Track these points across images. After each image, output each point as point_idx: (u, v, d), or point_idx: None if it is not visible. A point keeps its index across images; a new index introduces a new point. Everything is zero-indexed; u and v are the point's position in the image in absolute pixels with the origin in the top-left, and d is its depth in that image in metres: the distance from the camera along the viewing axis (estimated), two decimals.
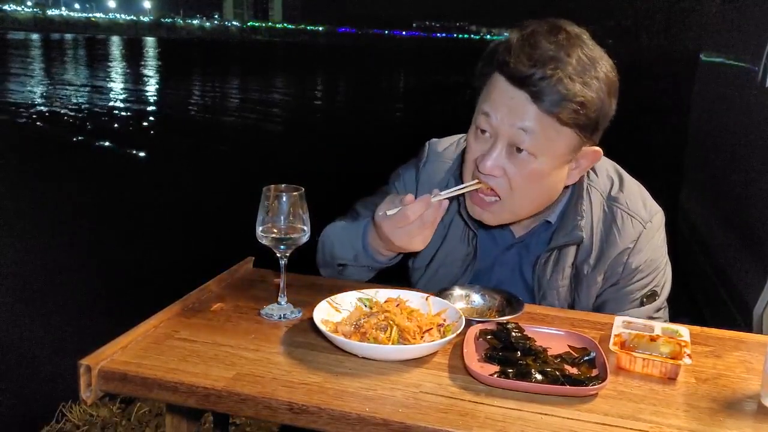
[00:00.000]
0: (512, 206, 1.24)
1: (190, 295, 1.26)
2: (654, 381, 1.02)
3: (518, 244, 1.38)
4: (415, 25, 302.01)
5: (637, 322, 1.16)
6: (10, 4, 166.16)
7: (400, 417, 0.89)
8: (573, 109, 1.13)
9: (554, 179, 1.22)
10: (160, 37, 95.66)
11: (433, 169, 1.44)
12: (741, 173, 2.74)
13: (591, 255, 1.30)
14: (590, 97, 1.13)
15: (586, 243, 1.30)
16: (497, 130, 1.18)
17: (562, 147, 1.18)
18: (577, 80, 1.12)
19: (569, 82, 1.11)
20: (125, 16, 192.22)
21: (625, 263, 1.29)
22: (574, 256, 1.32)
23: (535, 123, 1.14)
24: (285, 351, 1.07)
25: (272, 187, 1.18)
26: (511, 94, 1.15)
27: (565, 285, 1.33)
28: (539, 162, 1.17)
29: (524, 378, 0.98)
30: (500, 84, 1.17)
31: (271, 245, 1.19)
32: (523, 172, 1.18)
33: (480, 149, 1.22)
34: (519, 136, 1.16)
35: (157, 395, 0.98)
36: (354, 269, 1.38)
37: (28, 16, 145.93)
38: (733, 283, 2.59)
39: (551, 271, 1.33)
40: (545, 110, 1.13)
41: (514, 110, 1.15)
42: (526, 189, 1.21)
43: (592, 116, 1.15)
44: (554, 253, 1.32)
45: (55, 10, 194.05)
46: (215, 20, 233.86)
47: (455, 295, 1.31)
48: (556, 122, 1.14)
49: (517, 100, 1.15)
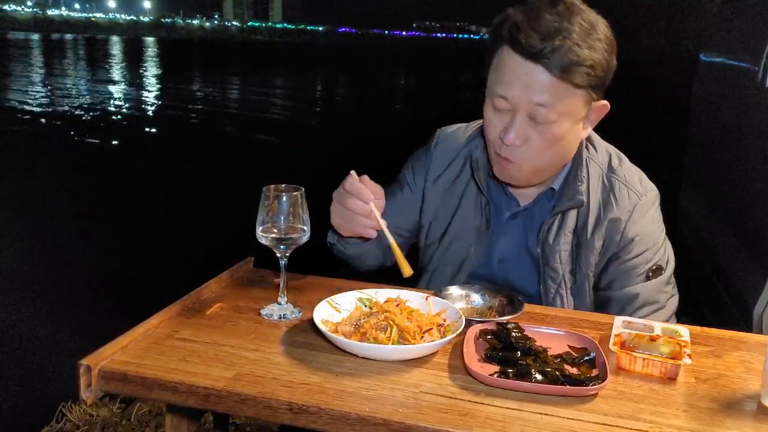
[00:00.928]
0: (535, 166, 1.31)
1: (190, 295, 1.26)
2: (654, 381, 1.02)
3: (523, 213, 1.44)
4: (415, 25, 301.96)
5: (637, 322, 1.16)
6: (10, 4, 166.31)
7: (400, 417, 0.89)
8: (585, 73, 1.21)
9: (572, 137, 1.31)
10: (160, 37, 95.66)
11: (444, 150, 1.52)
12: (741, 173, 2.74)
13: (589, 220, 1.37)
14: (597, 59, 1.22)
15: (585, 209, 1.37)
16: (516, 105, 1.25)
17: (577, 107, 1.27)
18: (584, 45, 1.20)
19: (577, 48, 1.20)
20: (125, 16, 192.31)
21: (622, 232, 1.35)
22: (575, 222, 1.38)
23: (550, 94, 1.22)
24: (285, 351, 1.07)
25: (272, 187, 1.18)
26: (525, 70, 1.22)
27: (566, 250, 1.39)
28: (558, 124, 1.26)
29: (524, 378, 0.98)
30: (513, 61, 1.24)
31: (271, 245, 1.19)
32: (546, 136, 1.27)
33: (501, 123, 1.29)
34: (537, 110, 1.24)
35: (157, 395, 0.99)
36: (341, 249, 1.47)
37: (28, 16, 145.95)
38: (733, 283, 2.59)
39: (554, 235, 1.39)
40: (559, 78, 1.21)
41: (530, 85, 1.22)
42: (548, 151, 1.29)
43: (601, 75, 1.25)
44: (557, 218, 1.39)
45: (55, 10, 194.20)
46: (215, 20, 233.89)
47: (455, 295, 1.31)
48: (570, 86, 1.22)
49: (531, 75, 1.22)
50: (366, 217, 1.24)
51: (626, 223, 1.35)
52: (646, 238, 1.35)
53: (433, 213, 1.50)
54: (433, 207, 1.50)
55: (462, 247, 1.46)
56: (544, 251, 1.39)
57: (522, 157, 1.29)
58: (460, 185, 1.48)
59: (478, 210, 1.45)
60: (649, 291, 1.36)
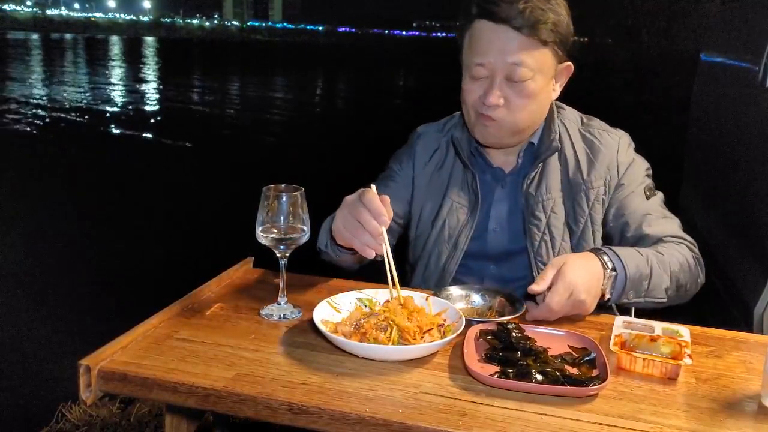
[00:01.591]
0: (513, 124, 1.41)
1: (190, 295, 1.26)
2: (654, 381, 1.02)
3: (510, 179, 1.52)
4: (415, 25, 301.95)
5: (637, 322, 1.16)
6: (10, 4, 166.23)
7: (400, 417, 0.89)
8: (549, 29, 1.35)
9: (545, 94, 1.43)
10: (159, 37, 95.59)
11: (425, 141, 1.61)
12: (741, 173, 2.74)
13: (581, 164, 1.48)
14: (559, 19, 1.37)
15: (570, 155, 1.49)
16: (493, 69, 1.37)
17: (546, 64, 1.39)
18: (546, 7, 1.35)
19: (540, 9, 1.35)
20: (125, 15, 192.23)
21: (617, 163, 1.48)
22: (559, 171, 1.49)
23: (523, 53, 1.35)
24: (285, 351, 1.07)
25: (272, 187, 1.18)
26: (497, 34, 1.35)
27: (553, 198, 1.47)
28: (534, 81, 1.38)
29: (524, 378, 0.98)
30: (484, 29, 1.37)
31: (271, 245, 1.19)
32: (522, 94, 1.38)
33: (480, 89, 1.40)
34: (513, 70, 1.36)
35: (157, 395, 0.98)
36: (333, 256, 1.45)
37: (27, 15, 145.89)
38: (733, 283, 2.59)
39: (536, 185, 1.48)
40: (528, 35, 1.34)
41: (503, 49, 1.35)
42: (526, 107, 1.40)
43: (564, 33, 1.39)
44: (539, 169, 1.48)
45: (54, 9, 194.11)
46: (215, 20, 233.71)
47: (455, 295, 1.32)
48: (538, 42, 1.36)
49: (503, 38, 1.35)
50: (373, 237, 1.18)
51: (617, 155, 1.48)
52: (636, 163, 1.49)
53: (424, 197, 1.57)
54: (423, 192, 1.57)
55: (455, 224, 1.52)
56: (528, 201, 1.47)
57: (502, 116, 1.39)
58: (446, 168, 1.56)
59: (465, 187, 1.53)
60: (649, 209, 1.46)
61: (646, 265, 1.29)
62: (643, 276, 1.28)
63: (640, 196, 1.47)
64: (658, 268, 1.30)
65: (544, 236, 1.46)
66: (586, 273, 1.21)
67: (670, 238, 1.41)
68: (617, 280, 1.26)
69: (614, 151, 1.48)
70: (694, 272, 1.40)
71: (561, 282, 1.18)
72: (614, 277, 1.26)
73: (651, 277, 1.29)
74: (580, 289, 1.19)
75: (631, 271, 1.27)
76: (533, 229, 1.46)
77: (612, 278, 1.26)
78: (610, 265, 1.26)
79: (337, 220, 1.23)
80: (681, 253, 1.37)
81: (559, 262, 1.21)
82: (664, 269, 1.31)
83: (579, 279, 1.19)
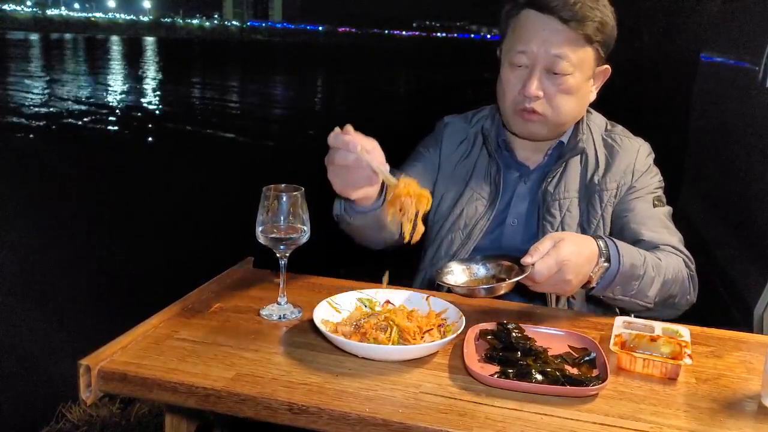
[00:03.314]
0: (554, 119, 1.43)
1: (190, 295, 1.26)
2: (654, 381, 1.02)
3: (533, 175, 1.53)
4: (415, 25, 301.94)
5: (637, 322, 1.16)
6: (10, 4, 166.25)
7: (400, 417, 0.89)
8: (595, 27, 1.37)
9: (583, 92, 1.45)
10: (159, 37, 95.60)
11: (453, 130, 1.63)
12: (741, 173, 2.74)
13: (599, 168, 1.49)
14: (606, 19, 1.39)
15: (591, 158, 1.50)
16: (535, 59, 1.39)
17: (587, 62, 1.41)
18: (594, 5, 1.37)
19: (589, 6, 1.36)
20: (125, 15, 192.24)
21: (633, 169, 1.49)
22: (578, 173, 1.50)
23: (567, 46, 1.37)
24: (285, 351, 1.07)
25: (272, 187, 1.18)
26: (544, 25, 1.37)
27: (570, 198, 1.48)
28: (573, 77, 1.40)
29: (524, 378, 0.98)
30: (531, 18, 1.39)
31: (271, 245, 1.19)
32: (562, 87, 1.40)
33: (519, 80, 1.42)
34: (555, 61, 1.38)
35: (157, 395, 0.98)
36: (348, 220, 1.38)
37: (27, 15, 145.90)
38: (734, 283, 2.59)
39: (555, 184, 1.49)
40: (574, 28, 1.36)
41: (547, 39, 1.37)
42: (564, 102, 1.42)
43: (608, 34, 1.41)
44: (561, 168, 1.50)
45: (54, 9, 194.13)
46: (215, 20, 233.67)
47: (456, 271, 1.28)
48: (583, 39, 1.38)
49: (549, 29, 1.37)
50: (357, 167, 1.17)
51: (635, 161, 1.50)
52: (650, 171, 1.51)
53: (446, 185, 1.58)
54: (446, 179, 1.59)
55: (472, 214, 1.53)
56: (545, 198, 1.48)
57: (543, 107, 1.41)
58: (471, 158, 1.58)
59: (488, 179, 1.54)
60: (658, 215, 1.46)
61: (641, 266, 1.25)
62: (635, 276, 1.25)
63: (647, 202, 1.46)
64: (652, 271, 1.27)
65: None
66: (581, 254, 1.18)
67: (668, 248, 1.37)
68: (608, 272, 1.23)
69: (633, 156, 1.50)
70: (686, 287, 1.36)
71: (554, 255, 1.15)
72: (606, 268, 1.23)
73: (642, 278, 1.26)
74: (570, 267, 1.16)
75: (625, 267, 1.23)
76: (547, 226, 1.46)
77: (604, 268, 1.22)
78: (606, 254, 1.23)
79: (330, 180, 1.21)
80: (677, 265, 1.34)
81: (558, 237, 1.18)
82: (658, 274, 1.28)
83: (572, 258, 1.16)
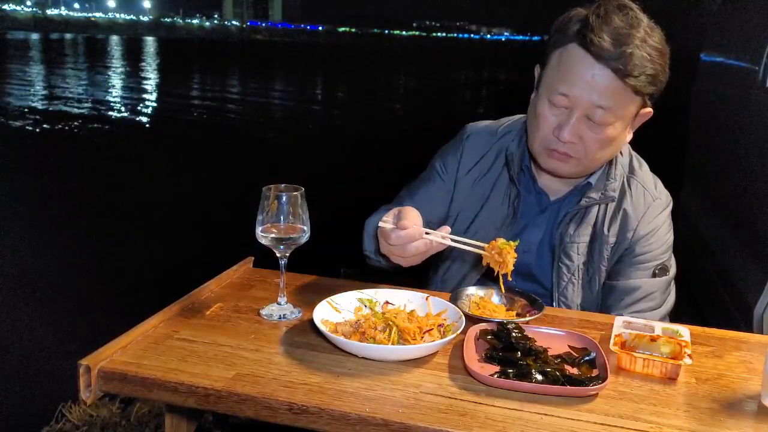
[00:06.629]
0: (586, 164, 1.35)
1: (190, 295, 1.26)
2: (654, 381, 1.02)
3: (551, 207, 1.46)
4: (415, 25, 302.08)
5: (637, 322, 1.16)
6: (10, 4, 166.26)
7: (400, 417, 0.89)
8: (647, 81, 1.26)
9: (621, 139, 1.35)
10: (159, 37, 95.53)
11: (475, 142, 1.53)
12: (741, 173, 2.74)
13: (607, 215, 1.42)
14: (660, 69, 1.27)
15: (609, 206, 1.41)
16: (576, 104, 1.28)
17: (630, 111, 1.31)
18: (650, 55, 1.24)
19: (645, 57, 1.24)
20: (125, 15, 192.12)
21: (635, 230, 1.40)
22: (595, 216, 1.42)
23: (613, 97, 1.26)
24: (285, 351, 1.07)
25: (272, 187, 1.18)
26: (592, 70, 1.25)
27: (584, 242, 1.42)
28: (613, 127, 1.30)
29: (524, 378, 0.98)
30: (580, 60, 1.26)
31: (271, 245, 1.19)
32: (599, 137, 1.30)
33: (556, 120, 1.32)
34: (597, 111, 1.27)
35: (157, 395, 0.98)
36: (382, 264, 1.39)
37: (27, 15, 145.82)
38: (734, 283, 2.58)
39: (575, 227, 1.42)
40: (623, 81, 1.24)
41: (594, 87, 1.25)
42: (599, 151, 1.33)
43: (659, 85, 1.30)
44: (581, 212, 1.42)
45: (54, 9, 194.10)
46: (215, 20, 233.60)
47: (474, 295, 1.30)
48: (631, 91, 1.26)
49: (598, 77, 1.25)
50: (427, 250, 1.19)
51: (639, 222, 1.40)
52: (656, 237, 1.41)
53: (462, 203, 1.52)
54: (462, 197, 1.52)
55: (487, 237, 1.44)
56: (563, 241, 1.42)
57: (576, 151, 1.32)
58: (491, 177, 1.49)
59: (506, 202, 1.48)
60: (651, 287, 1.39)
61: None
62: None
63: (645, 271, 1.40)
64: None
65: (572, 278, 1.42)
66: None
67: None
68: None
69: (639, 216, 1.40)
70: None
71: None
72: None
73: None
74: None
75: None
76: (563, 269, 1.42)
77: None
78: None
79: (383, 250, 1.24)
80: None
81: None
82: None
83: None
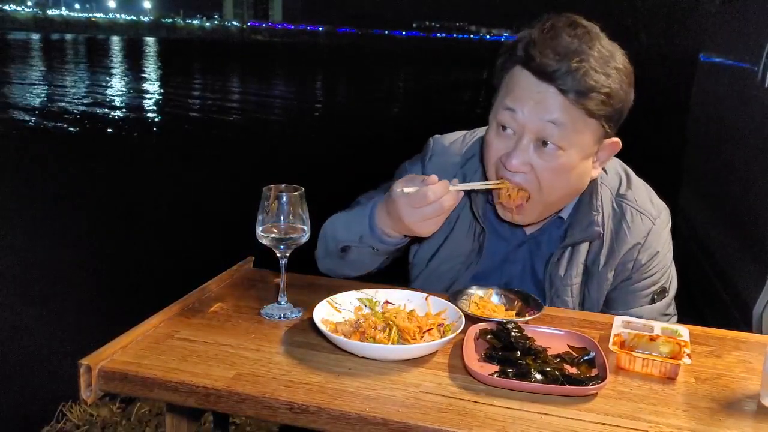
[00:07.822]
0: (542, 202, 1.24)
1: (190, 295, 1.26)
2: (654, 381, 1.02)
3: (529, 241, 1.37)
4: (415, 25, 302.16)
5: (636, 321, 1.16)
6: (10, 4, 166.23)
7: (400, 417, 0.89)
8: (600, 100, 1.15)
9: (580, 172, 1.23)
10: (160, 38, 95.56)
11: (440, 163, 1.41)
12: (741, 173, 2.74)
13: (602, 251, 1.31)
14: (614, 88, 1.16)
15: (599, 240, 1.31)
16: (523, 125, 1.18)
17: (589, 138, 1.19)
18: (601, 72, 1.14)
19: (594, 73, 1.13)
20: (125, 16, 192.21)
21: (635, 259, 1.31)
22: (586, 253, 1.32)
23: (563, 114, 1.15)
24: (285, 351, 1.07)
25: (272, 187, 1.18)
26: (538, 89, 1.16)
27: (577, 282, 1.33)
28: (567, 155, 1.18)
29: (524, 378, 0.98)
30: (525, 78, 1.17)
31: (271, 245, 1.19)
32: (551, 166, 1.19)
33: (504, 146, 1.22)
34: (547, 129, 1.16)
35: (158, 395, 0.99)
36: (357, 252, 1.32)
37: (28, 16, 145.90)
38: (733, 283, 2.59)
39: (565, 268, 1.32)
40: (573, 102, 1.14)
41: (541, 103, 1.16)
42: (555, 183, 1.21)
43: (617, 107, 1.18)
44: (568, 250, 1.32)
45: (55, 10, 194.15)
46: (215, 20, 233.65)
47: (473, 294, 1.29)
48: (584, 114, 1.16)
49: (544, 94, 1.15)
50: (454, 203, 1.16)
51: (639, 251, 1.31)
52: (657, 262, 1.33)
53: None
54: None
55: (451, 269, 1.40)
56: (554, 283, 1.33)
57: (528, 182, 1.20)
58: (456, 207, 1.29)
59: (471, 237, 1.38)
60: (651, 314, 1.33)
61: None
62: None
63: (643, 299, 1.34)
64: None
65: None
66: None
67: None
68: None
69: (638, 244, 1.30)
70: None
71: None
72: None
73: None
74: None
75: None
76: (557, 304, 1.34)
77: None
78: None
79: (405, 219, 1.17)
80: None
81: None
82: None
83: None
